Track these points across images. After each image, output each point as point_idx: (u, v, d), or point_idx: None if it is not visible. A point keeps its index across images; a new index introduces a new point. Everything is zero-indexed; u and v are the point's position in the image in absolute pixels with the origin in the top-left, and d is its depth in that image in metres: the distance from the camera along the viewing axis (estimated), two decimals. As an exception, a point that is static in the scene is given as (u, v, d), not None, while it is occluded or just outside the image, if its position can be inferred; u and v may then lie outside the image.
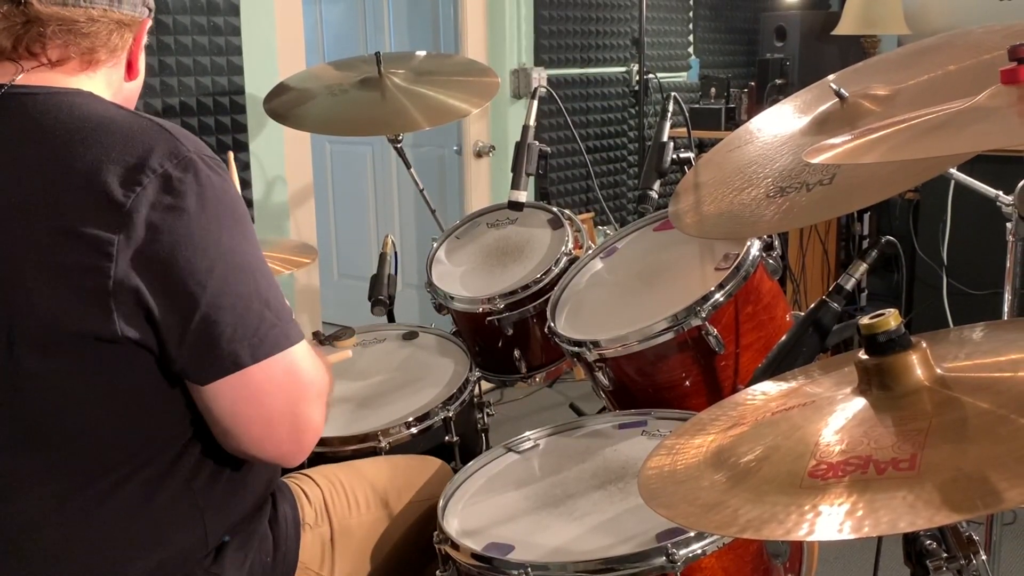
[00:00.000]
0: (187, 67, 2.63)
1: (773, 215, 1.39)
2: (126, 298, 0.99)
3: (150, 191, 1.00)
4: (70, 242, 0.98)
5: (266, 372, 1.07)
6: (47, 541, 1.06)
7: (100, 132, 1.03)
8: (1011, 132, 1.02)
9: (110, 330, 0.99)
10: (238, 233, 1.07)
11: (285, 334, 1.09)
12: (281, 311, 1.09)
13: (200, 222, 1.02)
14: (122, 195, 0.99)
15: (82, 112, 1.05)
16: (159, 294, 1.00)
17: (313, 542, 1.33)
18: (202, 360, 1.04)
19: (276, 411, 1.10)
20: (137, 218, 0.99)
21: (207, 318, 1.02)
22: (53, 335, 0.99)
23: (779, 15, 4.34)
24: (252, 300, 1.06)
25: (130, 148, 1.01)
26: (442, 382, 1.82)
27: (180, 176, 1.02)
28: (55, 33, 1.06)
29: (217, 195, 1.05)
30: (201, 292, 1.02)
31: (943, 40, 1.56)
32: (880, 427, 0.86)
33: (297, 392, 1.11)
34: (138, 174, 1.00)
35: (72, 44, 1.07)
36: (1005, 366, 0.91)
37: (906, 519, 0.73)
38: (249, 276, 1.07)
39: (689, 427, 1.06)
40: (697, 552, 1.17)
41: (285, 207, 3.02)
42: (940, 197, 3.32)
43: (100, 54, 1.10)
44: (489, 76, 2.57)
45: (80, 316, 0.98)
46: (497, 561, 1.21)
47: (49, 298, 0.98)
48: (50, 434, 1.04)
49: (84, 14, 1.06)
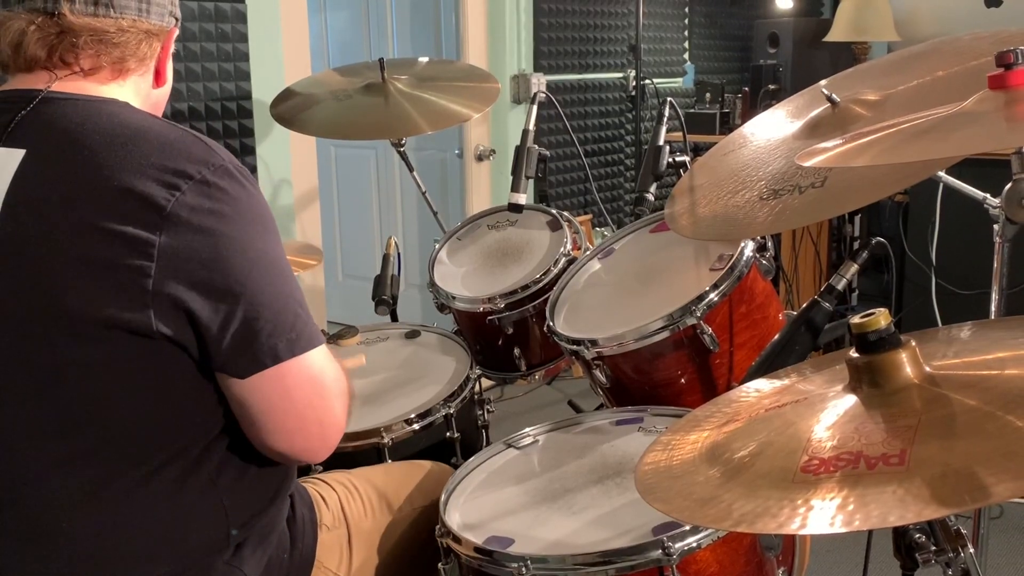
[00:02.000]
0: (196, 73, 2.63)
1: (766, 217, 1.39)
2: (165, 299, 1.00)
3: (189, 196, 1.01)
4: (111, 240, 0.99)
5: (300, 367, 1.09)
6: (75, 528, 1.06)
7: (139, 138, 1.04)
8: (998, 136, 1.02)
9: (146, 326, 1.00)
10: (269, 237, 1.09)
11: (315, 332, 1.12)
12: (308, 312, 1.12)
13: (237, 225, 1.04)
14: (162, 198, 1.00)
15: (120, 119, 1.07)
16: (200, 294, 1.02)
17: (332, 543, 1.35)
18: (243, 355, 1.06)
19: (308, 405, 1.12)
20: (178, 220, 1.00)
21: (248, 315, 1.04)
22: (90, 326, 1.00)
23: (772, 22, 4.34)
24: (287, 299, 1.09)
25: (168, 154, 1.03)
26: (444, 380, 1.82)
27: (216, 182, 1.04)
28: (87, 43, 1.08)
29: (250, 202, 1.07)
30: (241, 291, 1.04)
31: (932, 47, 1.56)
32: (870, 423, 0.86)
33: (325, 388, 1.14)
34: (177, 179, 1.02)
35: (103, 53, 1.10)
36: (992, 364, 0.91)
37: (896, 513, 0.73)
38: (281, 276, 1.09)
39: (684, 423, 1.06)
40: (692, 545, 1.17)
41: (291, 209, 3.02)
42: (929, 199, 3.32)
43: (130, 63, 1.13)
44: (490, 82, 2.57)
45: (117, 310, 0.99)
46: (497, 554, 1.21)
47: (88, 291, 0.99)
48: (83, 422, 1.04)
49: (114, 24, 1.09)
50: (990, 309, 1.52)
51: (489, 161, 3.77)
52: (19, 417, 1.04)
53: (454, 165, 3.84)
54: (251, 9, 2.75)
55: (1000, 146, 0.99)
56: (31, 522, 1.06)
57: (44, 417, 1.04)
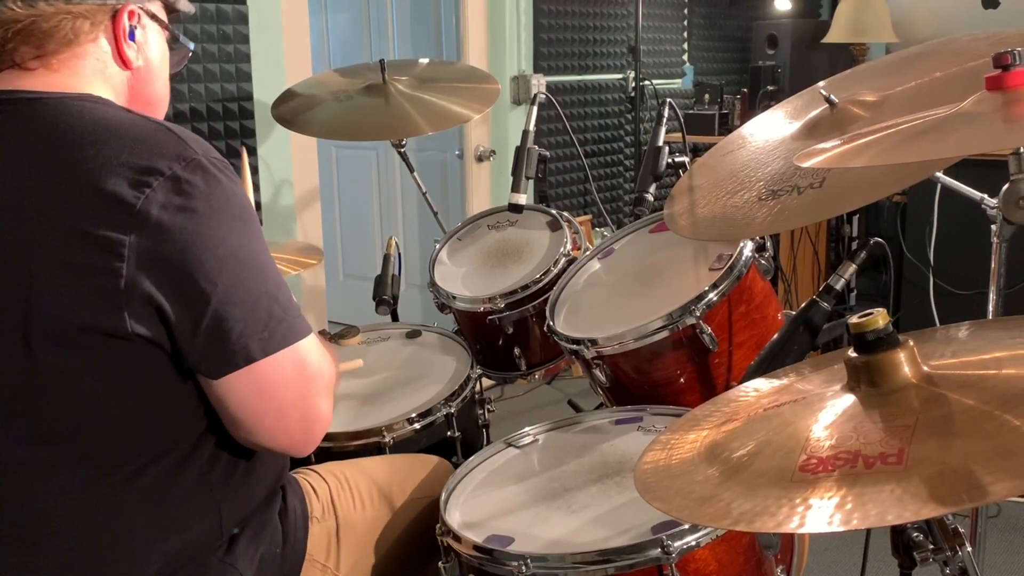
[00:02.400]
0: (197, 74, 2.63)
1: (765, 217, 1.39)
2: (137, 297, 0.99)
3: (159, 193, 0.99)
4: (82, 243, 0.98)
5: (275, 365, 1.07)
6: (65, 530, 1.06)
7: (109, 135, 1.02)
8: (996, 137, 1.02)
9: (122, 328, 0.99)
10: (245, 232, 1.06)
11: (293, 328, 1.09)
12: (289, 306, 1.09)
13: (209, 222, 1.02)
14: (132, 197, 0.98)
15: (91, 116, 1.05)
16: (170, 293, 1.00)
17: (320, 535, 1.33)
18: (214, 355, 1.04)
19: (287, 403, 1.10)
20: (147, 219, 0.98)
21: (218, 315, 1.02)
22: (67, 332, 0.99)
23: (771, 24, 4.34)
24: (261, 296, 1.06)
25: (138, 151, 1.01)
26: (444, 379, 1.82)
27: (188, 177, 1.01)
28: (15, 35, 1.05)
29: (225, 196, 1.04)
30: (212, 290, 1.02)
31: (930, 48, 1.56)
32: (868, 423, 0.86)
33: (306, 384, 1.11)
34: (147, 176, 1.00)
35: (38, 44, 1.06)
36: (990, 364, 0.90)
37: (894, 512, 0.73)
38: (257, 273, 1.06)
39: (684, 423, 1.06)
40: (691, 544, 1.17)
41: (292, 210, 3.02)
42: (927, 200, 3.32)
43: (63, 50, 1.08)
44: (490, 83, 2.57)
45: (92, 314, 0.98)
46: (498, 553, 1.21)
47: (63, 296, 0.98)
48: (67, 426, 1.03)
49: (35, 12, 1.05)
50: (988, 309, 1.52)
51: (489, 162, 3.77)
52: (3, 424, 1.03)
53: (454, 166, 3.84)
54: (252, 10, 2.75)
55: (997, 147, 0.99)
56: (16, 525, 1.06)
57: (28, 424, 1.03)
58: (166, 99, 1.24)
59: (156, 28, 1.19)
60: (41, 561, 1.06)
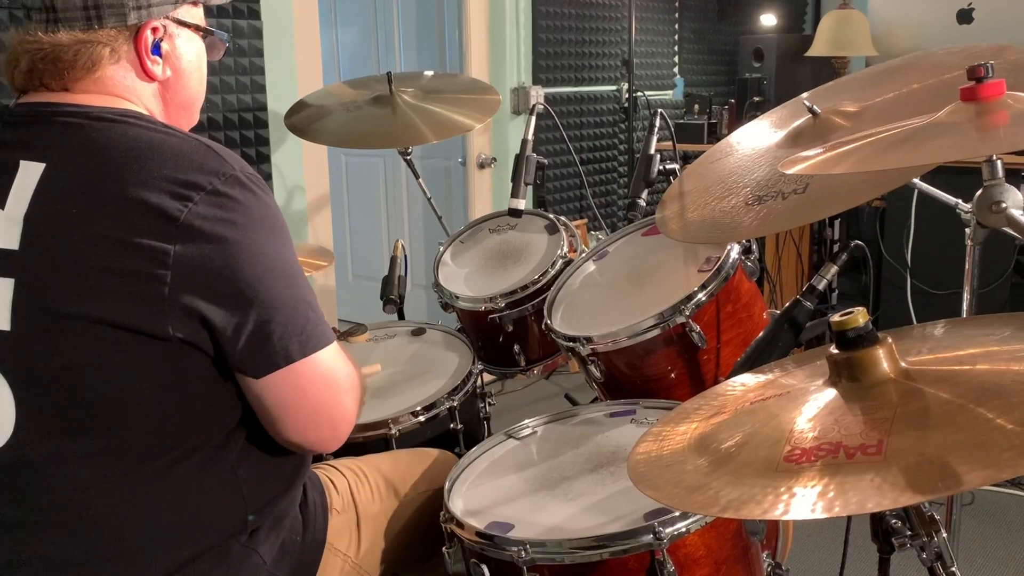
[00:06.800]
0: (214, 85, 2.63)
1: (751, 221, 1.39)
2: (180, 305, 1.00)
3: (201, 206, 1.00)
4: (128, 251, 0.98)
5: (312, 365, 1.09)
6: (97, 517, 1.06)
7: (152, 151, 1.03)
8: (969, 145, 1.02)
9: (162, 330, 1.00)
10: (280, 242, 1.08)
11: (325, 332, 1.11)
12: (320, 311, 1.11)
13: (249, 233, 1.03)
14: (175, 209, 0.99)
15: (134, 133, 1.05)
16: (214, 301, 1.01)
17: (342, 526, 1.34)
18: (256, 356, 1.06)
19: (320, 401, 1.12)
20: (191, 230, 0.99)
21: (260, 319, 1.04)
22: (109, 331, 0.99)
23: (757, 38, 4.34)
24: (298, 302, 1.08)
25: (180, 167, 1.02)
26: (448, 374, 1.82)
27: (227, 191, 1.02)
28: (55, 59, 1.06)
29: (261, 209, 1.06)
30: (254, 296, 1.03)
31: (907, 61, 1.56)
32: (849, 416, 0.86)
33: (336, 384, 1.13)
34: (189, 190, 1.00)
35: (70, 67, 1.07)
36: (964, 360, 0.90)
37: (873, 500, 0.73)
38: (293, 280, 1.08)
39: (674, 416, 1.06)
40: (682, 530, 1.17)
41: (304, 214, 3.02)
42: (905, 205, 3.32)
43: (79, 73, 1.08)
44: (491, 94, 2.57)
45: (135, 316, 0.99)
46: (498, 538, 1.21)
47: (107, 299, 0.98)
48: (103, 419, 1.03)
49: (71, 37, 1.05)
50: (962, 308, 1.52)
51: (490, 169, 3.77)
52: (44, 415, 1.03)
53: (457, 172, 3.84)
54: (267, 26, 2.75)
55: (971, 155, 0.99)
56: (49, 512, 1.06)
57: (66, 416, 1.03)
58: (202, 95, 1.22)
59: (187, 33, 1.16)
60: (71, 548, 1.06)
